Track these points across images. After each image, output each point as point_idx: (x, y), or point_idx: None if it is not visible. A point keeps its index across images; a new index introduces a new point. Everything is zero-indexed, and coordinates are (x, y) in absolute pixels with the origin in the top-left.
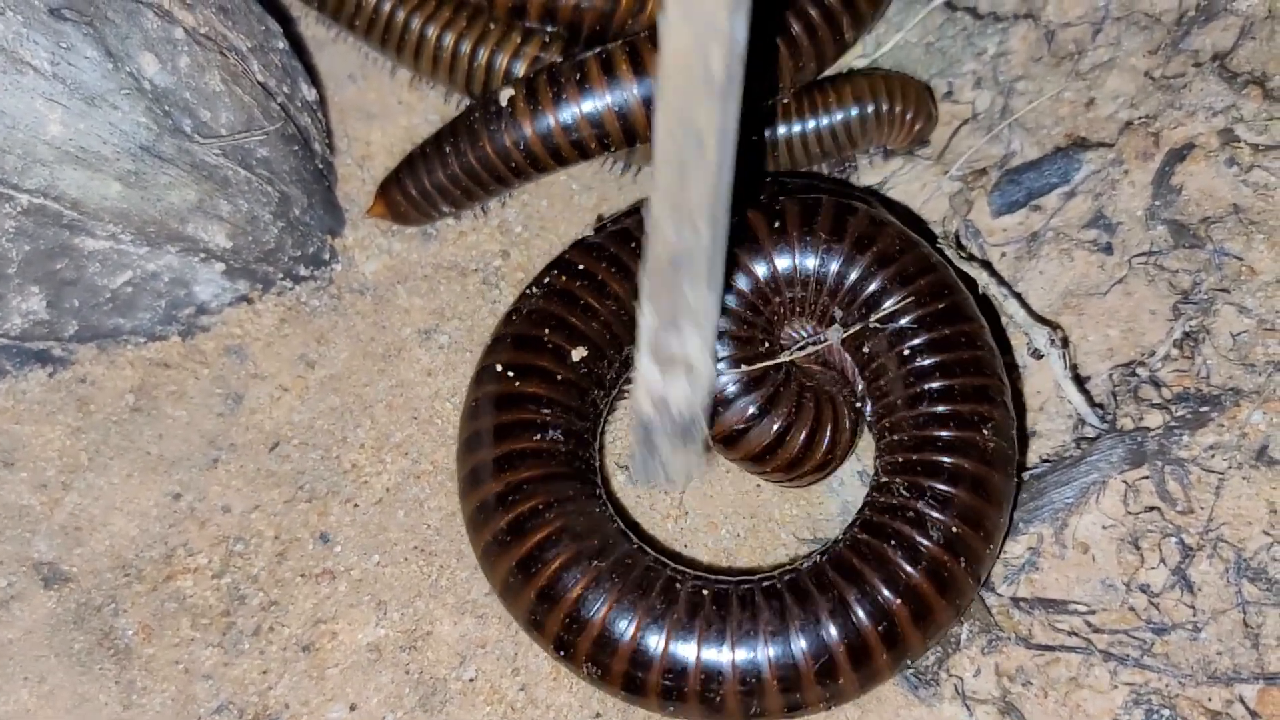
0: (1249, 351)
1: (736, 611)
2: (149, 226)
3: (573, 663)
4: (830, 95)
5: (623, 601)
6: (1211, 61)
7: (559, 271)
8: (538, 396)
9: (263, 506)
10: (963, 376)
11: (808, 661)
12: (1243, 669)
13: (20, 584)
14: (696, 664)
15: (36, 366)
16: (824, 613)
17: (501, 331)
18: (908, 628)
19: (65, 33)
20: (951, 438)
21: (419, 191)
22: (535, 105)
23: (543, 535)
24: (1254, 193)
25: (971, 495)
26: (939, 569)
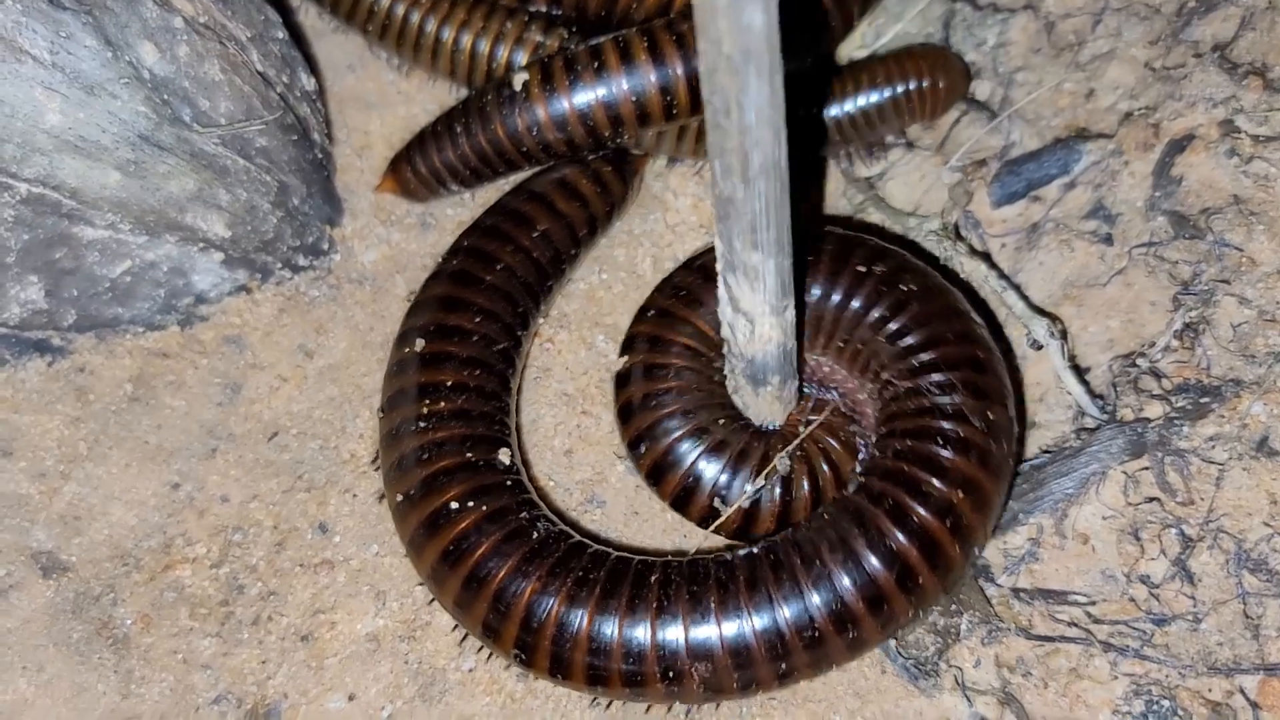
0: (1249, 342)
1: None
2: (148, 216)
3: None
4: (862, 77)
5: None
6: (1212, 52)
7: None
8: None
9: (261, 496)
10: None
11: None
12: (1243, 660)
13: (19, 573)
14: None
15: (35, 356)
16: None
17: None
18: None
19: (64, 21)
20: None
21: (429, 170)
22: (550, 90)
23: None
24: (1254, 184)
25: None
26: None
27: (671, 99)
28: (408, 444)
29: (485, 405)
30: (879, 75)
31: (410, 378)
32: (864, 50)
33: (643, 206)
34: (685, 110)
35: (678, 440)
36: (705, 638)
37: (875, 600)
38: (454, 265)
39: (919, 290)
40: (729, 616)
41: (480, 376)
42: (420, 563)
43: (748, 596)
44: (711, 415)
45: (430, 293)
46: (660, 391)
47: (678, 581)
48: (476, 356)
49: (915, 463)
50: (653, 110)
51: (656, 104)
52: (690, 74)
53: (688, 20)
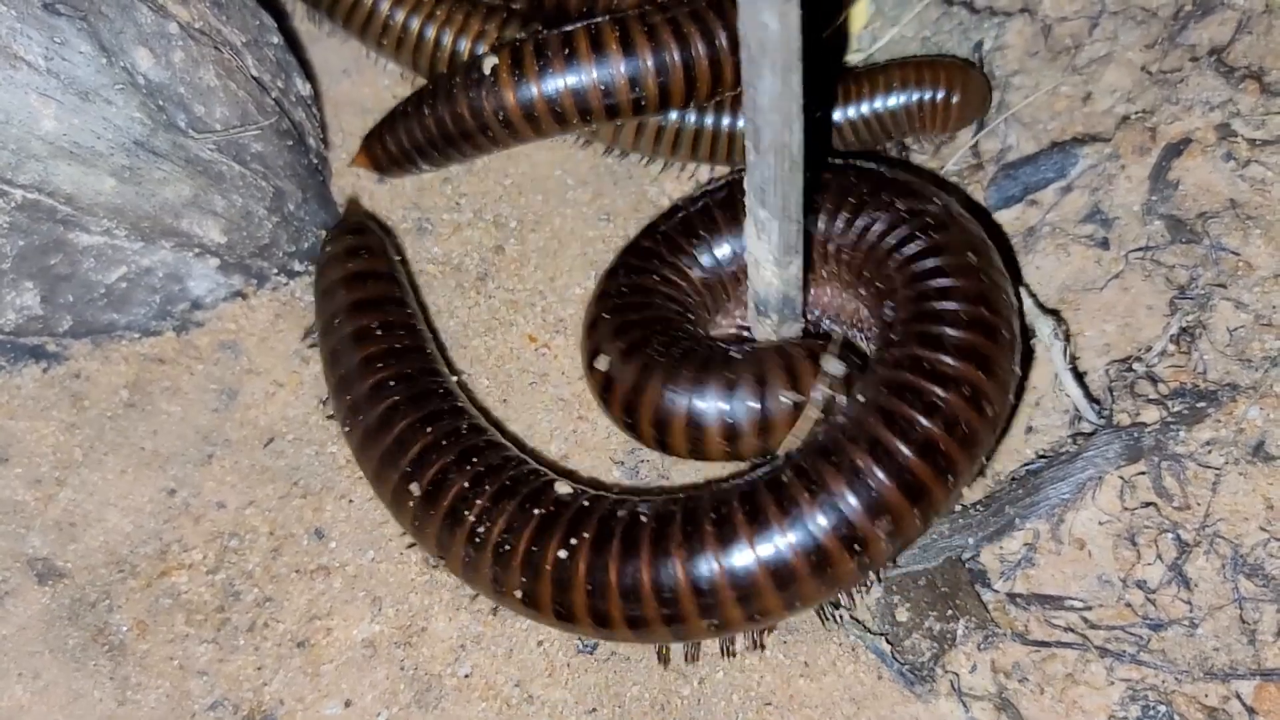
0: (1246, 347)
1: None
2: (143, 222)
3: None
4: (877, 81)
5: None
6: (1208, 56)
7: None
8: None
9: (257, 502)
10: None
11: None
12: (1239, 665)
13: (14, 580)
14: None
15: (30, 362)
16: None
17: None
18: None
19: (59, 27)
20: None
21: (398, 149)
22: (519, 75)
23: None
24: (1251, 188)
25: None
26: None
27: (640, 91)
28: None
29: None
30: (894, 80)
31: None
32: (860, 54)
33: (637, 210)
34: (654, 103)
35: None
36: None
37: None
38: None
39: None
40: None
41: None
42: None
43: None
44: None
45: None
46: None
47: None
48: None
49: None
50: (622, 99)
51: (625, 93)
52: (660, 66)
53: (661, 13)
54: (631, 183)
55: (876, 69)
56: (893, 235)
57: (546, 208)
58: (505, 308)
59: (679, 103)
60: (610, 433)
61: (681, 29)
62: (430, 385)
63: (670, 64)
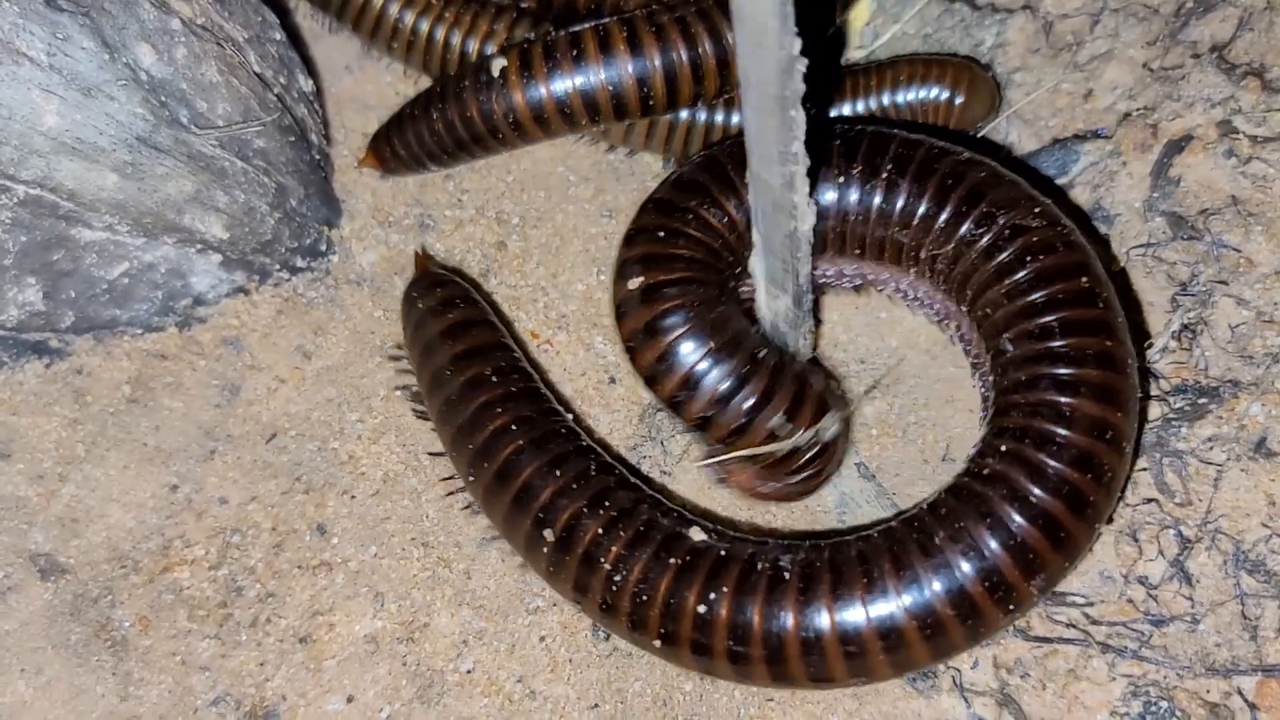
0: (1247, 343)
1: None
2: (145, 218)
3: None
4: (885, 76)
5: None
6: (1210, 53)
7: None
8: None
9: (260, 498)
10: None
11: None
12: (1241, 661)
13: (17, 575)
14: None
15: (33, 358)
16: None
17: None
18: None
19: (61, 23)
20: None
21: (407, 151)
22: (529, 76)
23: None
24: (1252, 184)
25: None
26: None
27: (649, 90)
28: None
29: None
30: (900, 76)
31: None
32: (862, 51)
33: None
34: (661, 103)
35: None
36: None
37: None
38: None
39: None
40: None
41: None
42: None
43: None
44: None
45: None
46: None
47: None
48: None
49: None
50: (629, 101)
51: (633, 94)
52: (667, 65)
53: (669, 12)
54: (634, 179)
55: (882, 65)
56: (1001, 258)
57: (549, 204)
58: (507, 304)
59: (687, 101)
60: (613, 428)
61: (689, 28)
62: (553, 427)
63: (677, 63)
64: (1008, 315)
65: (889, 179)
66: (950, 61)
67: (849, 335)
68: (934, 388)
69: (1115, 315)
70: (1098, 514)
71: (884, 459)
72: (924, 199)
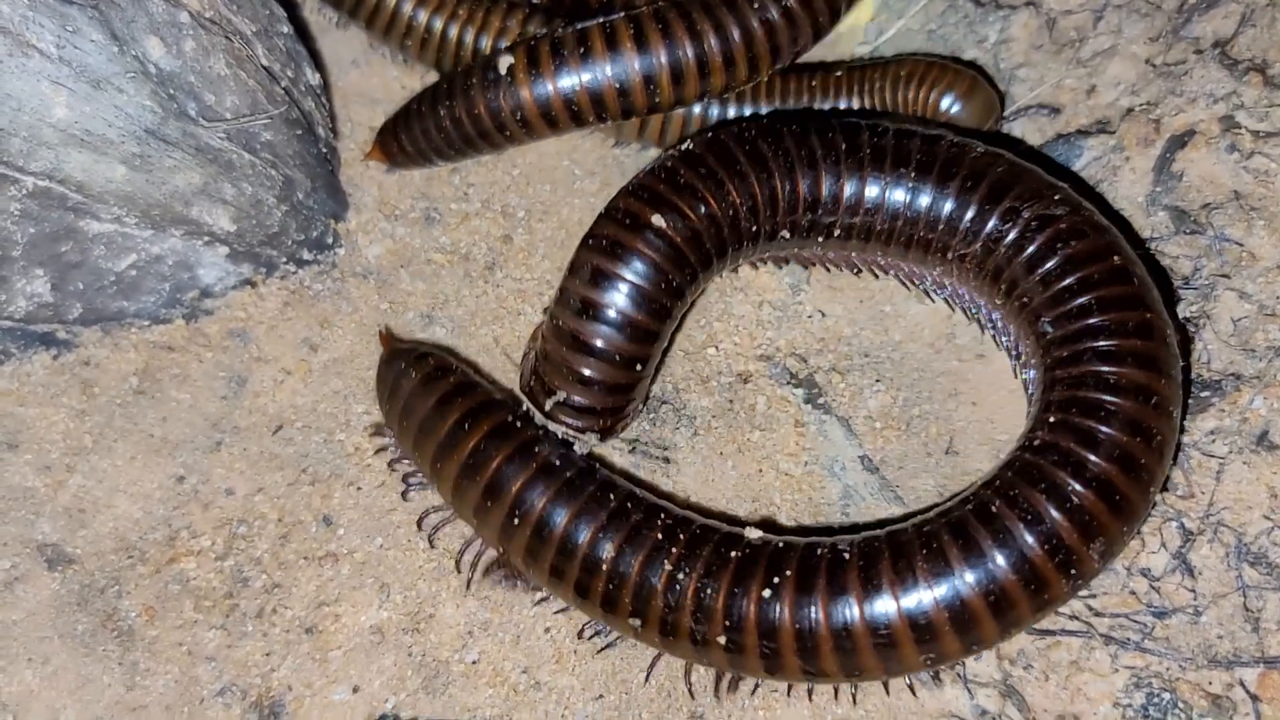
0: (1249, 337)
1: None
2: (153, 209)
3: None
4: (882, 74)
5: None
6: (1212, 48)
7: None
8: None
9: (266, 489)
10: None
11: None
12: (1243, 652)
13: (24, 565)
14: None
15: (41, 349)
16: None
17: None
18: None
19: (71, 16)
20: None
21: (414, 146)
22: (536, 74)
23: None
24: (1255, 179)
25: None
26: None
27: (655, 87)
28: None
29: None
30: (897, 76)
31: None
32: (866, 47)
33: None
34: (668, 100)
35: None
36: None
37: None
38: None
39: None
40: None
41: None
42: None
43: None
44: None
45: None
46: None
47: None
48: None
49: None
50: (636, 98)
51: (640, 90)
52: (674, 63)
53: (675, 9)
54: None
55: (881, 63)
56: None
57: (554, 198)
58: (513, 297)
59: (693, 98)
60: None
61: (695, 25)
62: (595, 479)
63: (684, 59)
64: (1045, 300)
65: (916, 179)
66: (951, 67)
67: (853, 329)
68: (937, 381)
69: (1149, 290)
70: (1151, 478)
71: (888, 452)
72: (948, 198)
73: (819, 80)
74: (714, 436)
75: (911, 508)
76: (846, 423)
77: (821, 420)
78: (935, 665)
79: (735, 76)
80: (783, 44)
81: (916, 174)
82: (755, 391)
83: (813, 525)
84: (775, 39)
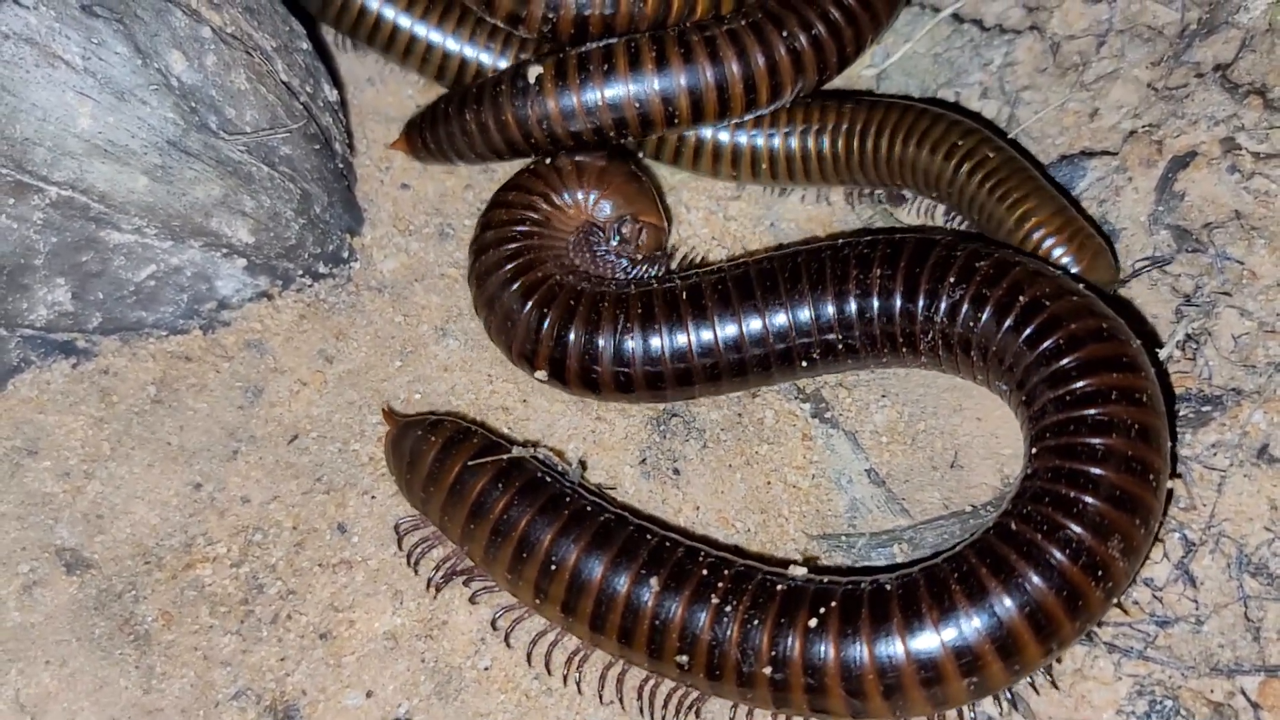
0: (1250, 353)
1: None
2: (174, 221)
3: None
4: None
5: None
6: (1213, 72)
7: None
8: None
9: (281, 497)
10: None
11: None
12: (1244, 661)
13: (43, 569)
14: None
15: (61, 357)
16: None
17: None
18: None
19: (96, 28)
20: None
21: (437, 146)
22: (563, 85)
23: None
24: (1255, 199)
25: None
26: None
27: (673, 108)
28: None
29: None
30: (1017, 211)
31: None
32: (873, 70)
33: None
34: (686, 119)
35: None
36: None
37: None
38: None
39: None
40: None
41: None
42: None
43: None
44: None
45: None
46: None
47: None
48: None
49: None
50: (655, 116)
51: (658, 110)
52: (692, 85)
53: (699, 31)
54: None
55: (1012, 190)
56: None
57: None
58: None
59: (712, 119)
60: (628, 432)
61: (717, 49)
62: (634, 530)
63: (704, 82)
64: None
65: (971, 309)
66: (1084, 230)
67: None
68: (942, 397)
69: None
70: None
71: (893, 465)
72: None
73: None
74: (723, 449)
75: (917, 520)
76: (853, 436)
77: (829, 434)
78: (979, 695)
79: (756, 102)
80: (807, 71)
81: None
82: (763, 405)
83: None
84: (800, 65)
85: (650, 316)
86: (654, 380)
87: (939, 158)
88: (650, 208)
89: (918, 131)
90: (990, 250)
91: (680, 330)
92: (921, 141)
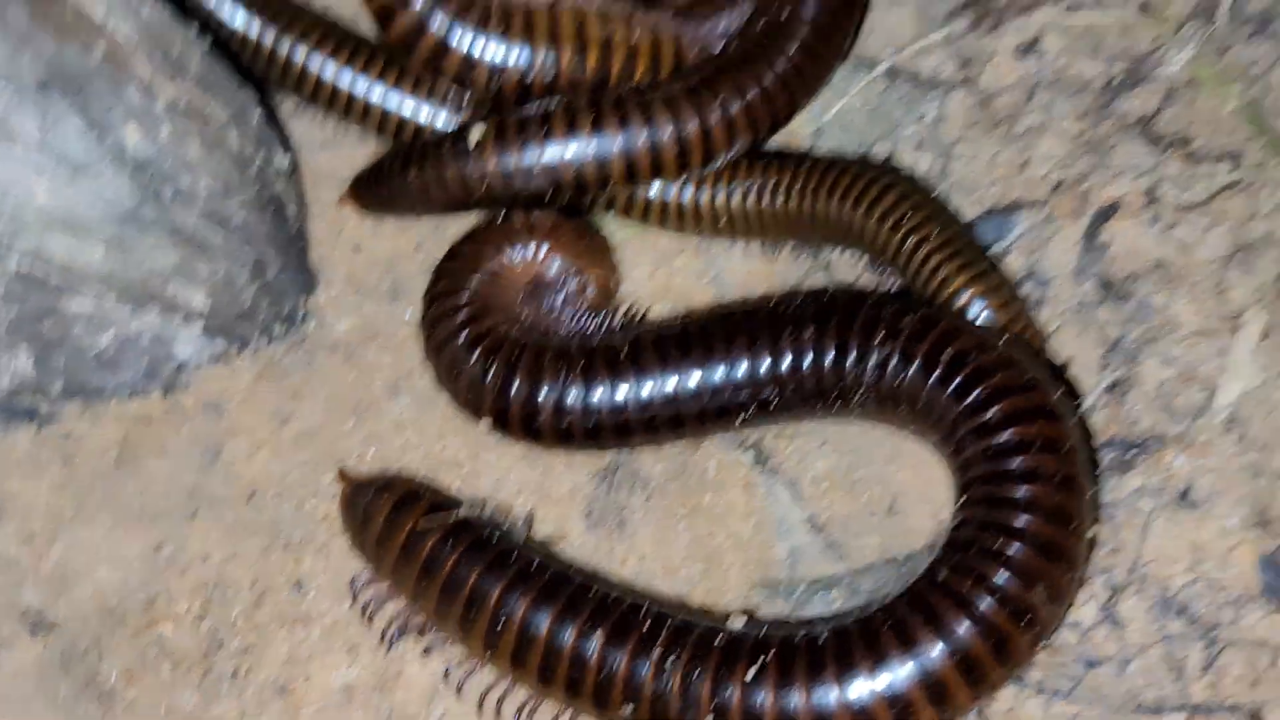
0: (1172, 400)
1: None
2: (132, 288)
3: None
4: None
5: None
6: (1137, 125)
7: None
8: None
9: (240, 555)
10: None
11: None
12: (1168, 701)
13: (8, 631)
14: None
15: (24, 423)
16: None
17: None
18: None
19: (52, 104)
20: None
21: (383, 204)
22: (503, 147)
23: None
24: (1176, 249)
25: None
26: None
27: (607, 170)
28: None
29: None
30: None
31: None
32: (812, 124)
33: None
34: (620, 180)
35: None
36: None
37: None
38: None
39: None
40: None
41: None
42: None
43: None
44: None
45: None
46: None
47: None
48: None
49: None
50: (589, 178)
51: (593, 172)
52: (628, 149)
53: (637, 96)
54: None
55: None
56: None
57: None
58: None
59: (646, 179)
60: (574, 486)
61: (652, 113)
62: (580, 584)
63: (637, 145)
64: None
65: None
66: (1003, 283)
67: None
68: (880, 444)
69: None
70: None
71: (833, 512)
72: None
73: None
74: (668, 499)
75: (856, 565)
76: (794, 485)
77: (770, 482)
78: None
79: (689, 165)
80: (739, 135)
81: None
82: (707, 455)
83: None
84: (733, 130)
85: (591, 370)
86: (593, 432)
87: (859, 213)
88: (598, 263)
89: (840, 187)
90: (916, 307)
91: (620, 384)
92: (844, 197)
